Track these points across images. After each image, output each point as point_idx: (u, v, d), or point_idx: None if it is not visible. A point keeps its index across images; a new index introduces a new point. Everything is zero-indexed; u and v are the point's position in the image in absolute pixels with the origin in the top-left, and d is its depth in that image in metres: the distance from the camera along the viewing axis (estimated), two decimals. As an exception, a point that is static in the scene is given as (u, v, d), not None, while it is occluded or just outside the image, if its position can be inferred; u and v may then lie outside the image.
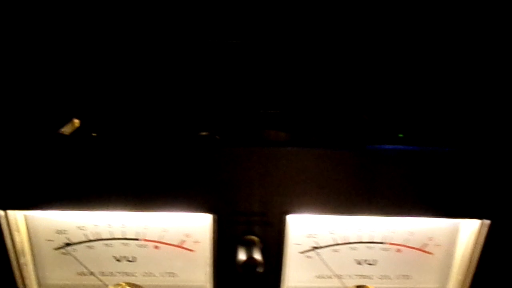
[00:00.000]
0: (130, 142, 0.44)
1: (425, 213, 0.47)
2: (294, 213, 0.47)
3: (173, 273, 0.54)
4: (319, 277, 0.55)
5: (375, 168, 0.45)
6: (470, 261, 0.51)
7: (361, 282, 0.55)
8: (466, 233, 0.51)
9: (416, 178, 0.45)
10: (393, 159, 0.45)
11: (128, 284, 0.55)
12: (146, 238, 0.52)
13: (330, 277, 0.55)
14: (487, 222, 0.48)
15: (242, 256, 0.45)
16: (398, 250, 0.54)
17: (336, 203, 0.46)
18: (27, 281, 0.51)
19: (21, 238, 0.49)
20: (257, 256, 0.45)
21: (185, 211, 0.46)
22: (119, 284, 0.54)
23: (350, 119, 0.54)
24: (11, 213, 0.47)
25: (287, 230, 0.48)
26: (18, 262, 0.49)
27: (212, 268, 0.50)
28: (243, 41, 0.47)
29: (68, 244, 0.52)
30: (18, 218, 0.48)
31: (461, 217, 0.48)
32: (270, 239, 0.48)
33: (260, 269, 0.44)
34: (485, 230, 0.48)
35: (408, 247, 0.53)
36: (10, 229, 0.47)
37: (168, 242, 0.52)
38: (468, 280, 0.52)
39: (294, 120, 0.51)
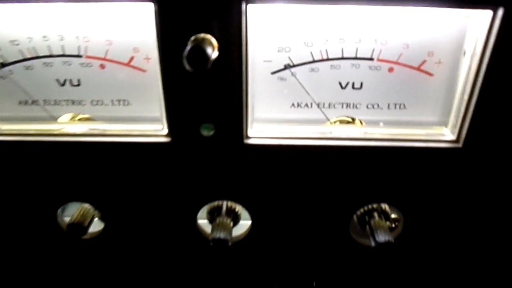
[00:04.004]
0: None
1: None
2: (256, 1, 0.38)
3: (126, 100, 0.47)
4: (295, 106, 0.47)
5: None
6: (475, 82, 0.41)
7: (345, 112, 0.47)
8: (473, 42, 0.41)
9: None
10: None
11: (79, 117, 0.48)
12: (89, 55, 0.44)
13: (308, 106, 0.46)
14: (501, 12, 0.38)
15: (187, 48, 0.36)
16: (390, 69, 0.44)
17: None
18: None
19: None
20: (207, 48, 0.36)
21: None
22: (69, 118, 0.48)
23: None
24: None
25: (250, 32, 0.40)
26: None
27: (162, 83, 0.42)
28: None
29: (2, 65, 0.45)
30: None
31: (470, 6, 0.38)
32: (229, 40, 0.39)
33: (208, 63, 0.36)
34: (497, 25, 0.38)
35: (403, 65, 0.44)
36: None
37: (115, 59, 0.44)
38: (472, 107, 0.42)
39: None
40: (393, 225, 0.54)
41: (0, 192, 0.49)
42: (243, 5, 0.38)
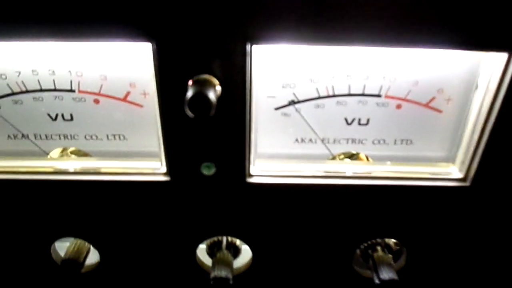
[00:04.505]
0: None
1: (437, 41, 0.35)
2: (261, 42, 0.36)
3: (122, 135, 0.44)
4: (298, 141, 0.45)
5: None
6: (487, 120, 0.40)
7: (350, 148, 0.45)
8: (486, 80, 0.39)
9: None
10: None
11: (71, 150, 0.46)
12: (83, 89, 0.42)
13: (312, 141, 0.45)
14: (517, 55, 0.36)
15: (189, 93, 0.34)
16: (398, 106, 0.43)
17: (317, 27, 0.35)
18: None
19: None
20: (210, 94, 0.34)
21: (116, 38, 0.35)
22: (61, 151, 0.46)
23: None
24: None
25: (253, 70, 0.38)
26: None
27: (161, 123, 0.40)
28: None
29: (-11, 99, 0.42)
30: None
31: (484, 49, 0.36)
32: (232, 81, 0.37)
33: (211, 110, 0.34)
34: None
35: (411, 101, 0.42)
36: None
37: (110, 94, 0.42)
38: (482, 145, 0.41)
39: None
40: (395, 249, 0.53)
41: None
42: (248, 46, 0.36)
